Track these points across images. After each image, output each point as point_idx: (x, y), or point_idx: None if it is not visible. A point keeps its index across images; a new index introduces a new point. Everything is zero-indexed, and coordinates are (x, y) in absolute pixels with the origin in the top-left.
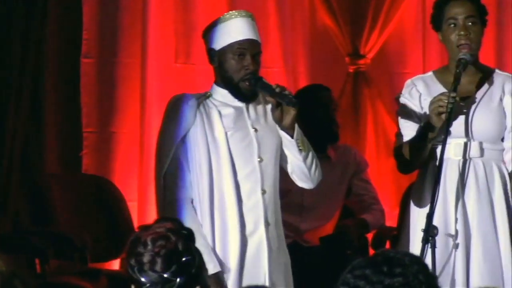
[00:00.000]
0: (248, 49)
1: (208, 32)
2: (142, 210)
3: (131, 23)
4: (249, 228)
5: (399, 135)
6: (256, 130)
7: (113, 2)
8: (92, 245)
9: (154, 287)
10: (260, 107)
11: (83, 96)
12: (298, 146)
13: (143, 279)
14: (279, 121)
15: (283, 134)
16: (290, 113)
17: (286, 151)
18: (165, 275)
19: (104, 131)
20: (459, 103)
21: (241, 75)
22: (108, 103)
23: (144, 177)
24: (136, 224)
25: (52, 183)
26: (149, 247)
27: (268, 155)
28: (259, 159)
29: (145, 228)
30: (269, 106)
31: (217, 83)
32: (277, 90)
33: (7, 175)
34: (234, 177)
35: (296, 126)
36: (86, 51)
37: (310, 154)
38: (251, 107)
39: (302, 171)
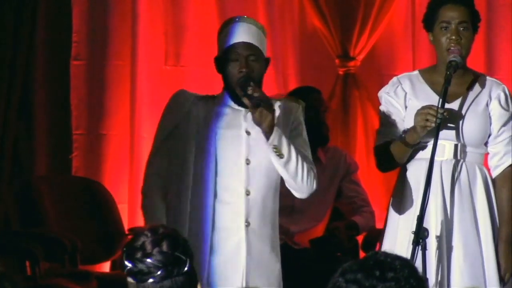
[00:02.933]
0: (241, 53)
1: (217, 42)
2: (133, 212)
3: (121, 25)
4: (227, 227)
5: (380, 132)
6: (248, 133)
7: (102, 4)
8: (82, 247)
9: (158, 272)
10: None
11: (73, 98)
12: (275, 152)
13: (148, 260)
14: (258, 123)
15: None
16: (267, 116)
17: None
18: (175, 253)
19: (94, 133)
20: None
21: (235, 80)
22: (98, 105)
23: (134, 179)
24: (126, 226)
25: (42, 185)
26: (150, 234)
27: (258, 159)
28: (246, 161)
29: (136, 229)
30: (277, 114)
31: (224, 90)
32: (249, 91)
33: None
34: (215, 175)
35: (279, 131)
36: (76, 53)
37: (294, 162)
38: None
39: (287, 178)
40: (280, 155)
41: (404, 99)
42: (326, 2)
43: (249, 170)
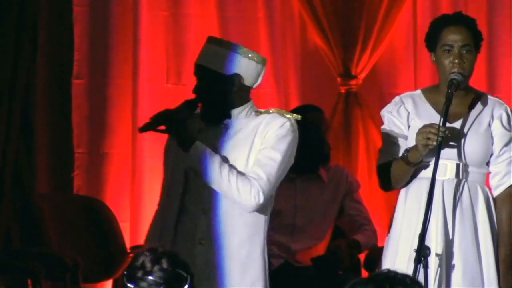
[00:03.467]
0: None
1: None
2: (134, 231)
3: (122, 43)
4: (185, 244)
5: (383, 152)
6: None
7: (104, 22)
8: (83, 265)
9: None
10: (237, 126)
11: (74, 116)
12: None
13: (150, 278)
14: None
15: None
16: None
17: None
18: (176, 270)
19: (95, 152)
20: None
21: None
22: (100, 124)
23: (136, 198)
24: (128, 244)
25: (43, 203)
26: (149, 254)
27: None
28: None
29: (137, 247)
30: (249, 125)
31: None
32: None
33: None
34: (179, 193)
35: (198, 149)
36: (77, 71)
37: (214, 181)
38: (230, 126)
39: None
40: (196, 176)
41: (406, 118)
42: (328, 20)
43: (206, 187)
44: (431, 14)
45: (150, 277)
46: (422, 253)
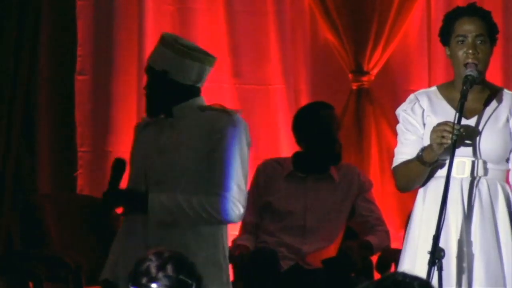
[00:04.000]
0: None
1: (183, 54)
2: None
3: (127, 38)
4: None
5: (398, 151)
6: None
7: (108, 17)
8: (87, 267)
9: None
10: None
11: (77, 114)
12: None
13: (154, 285)
14: None
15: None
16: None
17: None
18: (180, 277)
19: (99, 151)
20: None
21: None
22: (104, 121)
23: None
24: None
25: (45, 204)
26: (154, 259)
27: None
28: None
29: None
30: (186, 125)
31: None
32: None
33: None
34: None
35: (155, 208)
36: (81, 67)
37: (188, 219)
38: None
39: None
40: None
41: (421, 116)
42: (339, 15)
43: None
44: (445, 8)
45: (154, 285)
46: (436, 255)
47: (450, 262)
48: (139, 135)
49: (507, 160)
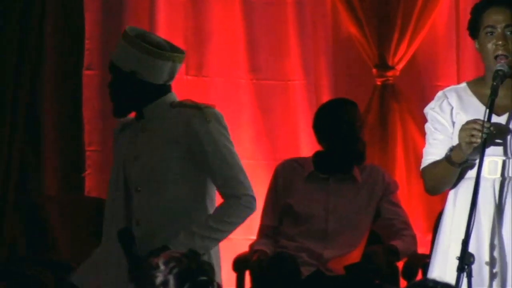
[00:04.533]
0: None
1: (135, 45)
2: None
3: None
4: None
5: (427, 152)
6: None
7: (117, 9)
8: None
9: None
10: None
11: (85, 111)
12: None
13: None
14: None
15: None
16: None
17: None
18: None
19: (108, 150)
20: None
21: None
22: (113, 119)
23: None
24: None
25: (51, 206)
26: (162, 267)
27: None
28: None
29: (154, 252)
30: (159, 124)
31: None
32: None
33: (2, 197)
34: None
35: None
36: (89, 62)
37: (217, 238)
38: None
39: None
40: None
41: (450, 114)
42: (362, 6)
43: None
44: None
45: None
46: (465, 260)
47: (482, 268)
48: (116, 140)
49: None
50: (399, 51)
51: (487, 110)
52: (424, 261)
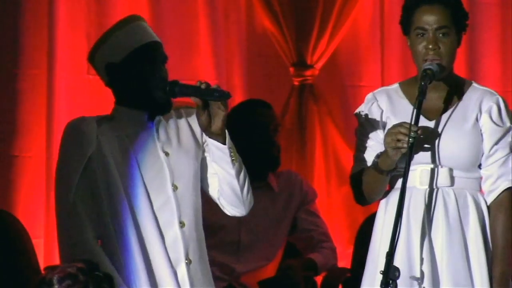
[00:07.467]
0: (157, 54)
1: (98, 49)
2: (50, 249)
3: (36, 27)
4: (168, 265)
5: (356, 158)
6: (167, 154)
7: (14, 2)
8: None
9: None
10: (171, 127)
11: None
12: (231, 156)
13: None
14: (206, 126)
15: (211, 142)
16: (219, 115)
17: (215, 167)
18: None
19: (4, 155)
20: (422, 131)
21: (155, 85)
22: (8, 122)
23: (52, 210)
24: (42, 264)
25: None
26: (55, 286)
27: (184, 181)
28: (173, 187)
29: (52, 268)
30: (182, 124)
31: (120, 103)
32: (203, 86)
33: None
34: (150, 207)
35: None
36: None
37: (243, 170)
38: (161, 127)
39: (233, 191)
40: (235, 160)
41: (380, 117)
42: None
43: (178, 197)
44: None
45: None
46: (390, 275)
47: (413, 284)
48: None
49: (480, 166)
50: (319, 48)
51: (414, 113)
52: (345, 276)
